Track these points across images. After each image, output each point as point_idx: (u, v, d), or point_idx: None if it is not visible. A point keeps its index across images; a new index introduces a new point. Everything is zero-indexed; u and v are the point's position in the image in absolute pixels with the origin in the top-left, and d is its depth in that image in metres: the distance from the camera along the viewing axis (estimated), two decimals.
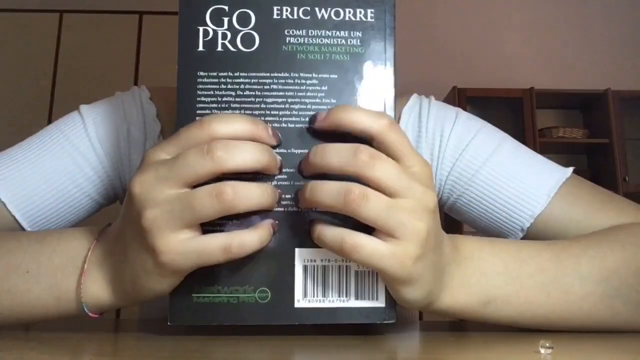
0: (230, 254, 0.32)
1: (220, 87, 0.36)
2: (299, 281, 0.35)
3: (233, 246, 0.32)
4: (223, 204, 0.31)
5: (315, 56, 0.36)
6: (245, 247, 0.32)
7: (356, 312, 0.35)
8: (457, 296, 0.38)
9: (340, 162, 0.32)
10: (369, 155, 0.32)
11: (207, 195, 0.31)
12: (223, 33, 0.36)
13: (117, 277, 0.36)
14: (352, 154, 0.32)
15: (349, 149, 0.32)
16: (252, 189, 0.32)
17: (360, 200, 0.31)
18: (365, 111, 0.33)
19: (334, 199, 0.32)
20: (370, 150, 0.32)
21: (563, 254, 0.41)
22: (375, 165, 0.32)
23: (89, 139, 0.52)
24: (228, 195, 0.31)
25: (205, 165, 0.31)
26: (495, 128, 0.55)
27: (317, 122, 0.35)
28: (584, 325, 0.41)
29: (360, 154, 0.32)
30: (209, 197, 0.31)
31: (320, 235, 0.33)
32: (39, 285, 0.37)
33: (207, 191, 0.31)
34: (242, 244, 0.32)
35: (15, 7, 2.84)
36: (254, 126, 0.33)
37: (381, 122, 0.33)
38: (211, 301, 0.35)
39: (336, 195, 0.31)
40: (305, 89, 0.36)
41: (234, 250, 0.32)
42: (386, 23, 0.37)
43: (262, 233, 0.33)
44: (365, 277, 0.35)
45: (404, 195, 0.32)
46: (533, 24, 3.04)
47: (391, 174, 0.32)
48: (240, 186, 0.31)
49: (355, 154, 0.32)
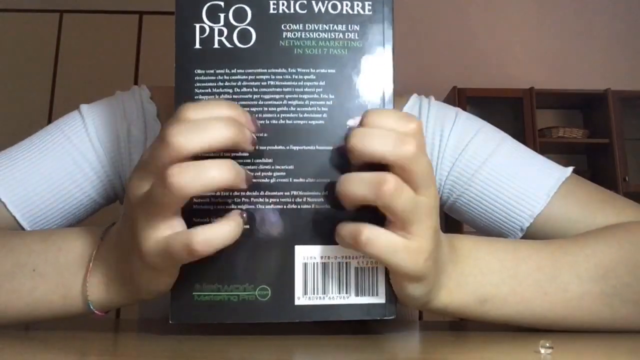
0: (195, 252, 0.30)
1: (217, 84, 0.35)
2: (299, 278, 0.35)
3: (194, 243, 0.30)
4: (171, 188, 0.29)
5: (312, 51, 0.36)
6: (211, 243, 0.30)
7: (356, 309, 0.35)
8: (454, 294, 0.38)
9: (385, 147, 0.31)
10: (416, 147, 0.31)
11: (158, 184, 0.30)
12: (219, 29, 0.36)
13: (119, 276, 0.37)
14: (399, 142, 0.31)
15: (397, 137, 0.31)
16: (203, 166, 0.29)
17: (394, 191, 0.30)
18: (396, 114, 0.32)
19: (368, 190, 0.31)
20: (416, 142, 0.31)
21: (559, 253, 0.41)
22: (420, 159, 0.31)
23: (89, 139, 0.52)
24: (173, 177, 0.29)
25: (164, 153, 0.30)
26: (495, 128, 0.55)
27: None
28: (582, 324, 0.41)
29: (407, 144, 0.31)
30: (159, 185, 0.29)
31: (339, 230, 0.33)
32: (45, 284, 0.38)
33: (159, 179, 0.29)
34: (206, 239, 0.30)
35: (15, 7, 2.83)
36: (231, 110, 0.32)
37: (411, 126, 0.32)
38: (212, 299, 0.35)
39: (369, 186, 0.31)
40: (302, 85, 0.35)
41: (197, 247, 0.30)
42: (384, 15, 0.36)
43: (230, 225, 0.31)
44: (365, 274, 0.35)
45: (424, 192, 0.32)
46: (533, 24, 3.04)
47: (428, 170, 0.32)
48: (186, 166, 0.29)
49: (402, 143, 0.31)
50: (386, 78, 0.36)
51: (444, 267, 0.37)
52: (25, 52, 2.79)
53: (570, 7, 3.05)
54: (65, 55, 2.80)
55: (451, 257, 0.38)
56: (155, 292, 0.35)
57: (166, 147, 0.29)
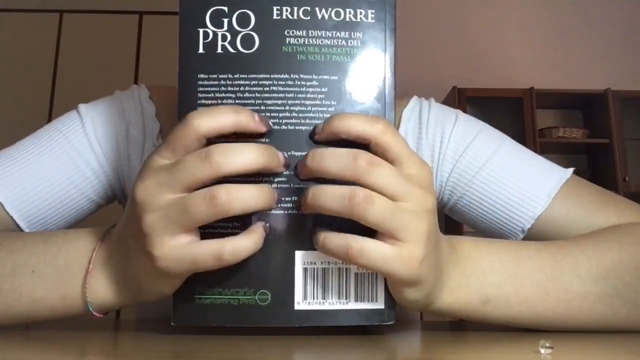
0: (223, 261, 0.32)
1: (220, 89, 0.35)
2: (299, 283, 0.35)
3: (225, 253, 0.32)
4: (216, 208, 0.31)
5: (315, 57, 0.36)
6: (239, 254, 0.32)
7: (356, 314, 0.35)
8: (456, 295, 0.38)
9: (339, 167, 0.32)
10: (367, 161, 0.31)
11: (201, 199, 0.31)
12: (223, 34, 0.36)
13: (120, 278, 0.37)
14: (351, 159, 0.31)
15: (348, 155, 0.32)
16: (247, 191, 0.31)
17: (365, 203, 0.31)
18: (360, 116, 0.33)
19: (339, 204, 0.31)
20: (368, 155, 0.32)
21: (560, 254, 0.41)
22: (374, 171, 0.31)
23: (88, 139, 0.52)
24: (221, 198, 0.31)
25: (204, 169, 0.31)
26: (495, 129, 0.55)
27: (316, 136, 0.35)
28: (583, 325, 0.41)
29: (359, 160, 0.31)
30: (203, 200, 0.31)
31: (325, 243, 0.33)
32: (45, 285, 0.38)
33: (201, 195, 0.31)
34: (235, 250, 0.32)
35: (15, 7, 2.83)
36: (237, 115, 0.33)
37: (377, 126, 0.33)
38: (213, 302, 0.35)
39: (340, 200, 0.31)
40: (305, 91, 0.35)
41: (226, 257, 0.32)
42: (387, 24, 0.36)
43: (255, 238, 0.33)
44: (365, 279, 0.35)
45: (404, 198, 0.32)
46: (533, 24, 3.04)
47: (390, 178, 0.32)
48: (233, 189, 0.31)
49: (354, 160, 0.31)
50: (388, 85, 0.36)
51: (444, 268, 0.37)
52: (25, 52, 2.79)
53: (570, 7, 3.05)
54: (65, 55, 2.80)
55: (452, 258, 0.38)
56: (159, 294, 0.35)
57: (209, 164, 0.31)
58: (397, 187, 0.32)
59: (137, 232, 0.33)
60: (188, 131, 0.32)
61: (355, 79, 0.36)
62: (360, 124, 0.33)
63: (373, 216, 0.31)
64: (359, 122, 0.33)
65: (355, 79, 0.36)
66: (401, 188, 0.32)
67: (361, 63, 0.36)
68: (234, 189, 0.31)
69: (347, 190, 0.31)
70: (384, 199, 0.32)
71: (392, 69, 0.36)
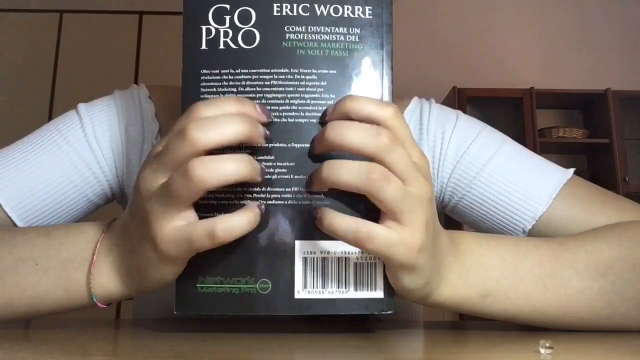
0: (216, 238, 0.32)
1: (222, 84, 0.36)
2: (299, 273, 0.36)
3: (217, 230, 0.32)
4: (193, 180, 0.31)
5: (314, 52, 0.37)
6: (231, 231, 0.32)
7: (355, 303, 0.36)
8: (456, 288, 0.38)
9: (361, 140, 0.32)
10: (389, 139, 0.32)
11: (179, 176, 0.31)
12: (225, 31, 0.37)
13: (124, 267, 0.37)
14: (374, 133, 0.32)
15: (371, 129, 0.32)
16: (223, 162, 0.31)
17: (382, 181, 0.31)
18: (371, 100, 0.34)
19: (357, 178, 0.31)
20: (390, 133, 0.32)
21: (559, 249, 0.41)
22: (395, 150, 0.32)
23: (87, 139, 0.52)
24: (194, 170, 0.31)
25: (182, 147, 0.31)
26: (495, 130, 0.55)
27: (327, 117, 0.35)
28: (583, 321, 0.41)
29: (381, 136, 0.32)
30: (179, 177, 0.31)
31: (332, 224, 0.33)
32: (48, 277, 0.38)
33: (179, 172, 0.31)
34: (227, 228, 0.32)
35: (15, 7, 2.83)
36: (241, 106, 0.33)
37: (388, 110, 0.33)
38: (215, 291, 0.36)
39: (358, 174, 0.31)
40: (304, 85, 0.36)
41: (219, 234, 0.32)
42: (383, 20, 0.37)
43: (249, 215, 0.33)
44: (364, 269, 0.36)
45: (411, 183, 0.33)
46: (533, 24, 3.04)
47: (405, 160, 0.32)
48: (207, 160, 0.31)
49: (377, 134, 0.32)
50: (385, 79, 0.37)
51: (444, 260, 0.37)
52: (25, 52, 2.79)
53: (570, 7, 3.05)
54: (65, 55, 2.80)
55: (452, 251, 0.38)
56: (162, 281, 0.36)
57: (184, 141, 0.31)
58: (408, 171, 0.33)
59: (140, 220, 0.34)
60: (191, 118, 0.32)
61: (353, 73, 0.37)
62: (371, 105, 0.33)
63: (387, 194, 0.31)
64: (370, 103, 0.33)
65: (353, 73, 0.37)
66: (411, 172, 0.33)
67: (359, 57, 0.37)
68: (208, 160, 0.31)
69: (365, 165, 0.31)
70: (398, 180, 0.32)
71: (389, 64, 0.37)
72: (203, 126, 0.31)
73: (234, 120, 0.32)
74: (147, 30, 2.86)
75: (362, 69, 0.37)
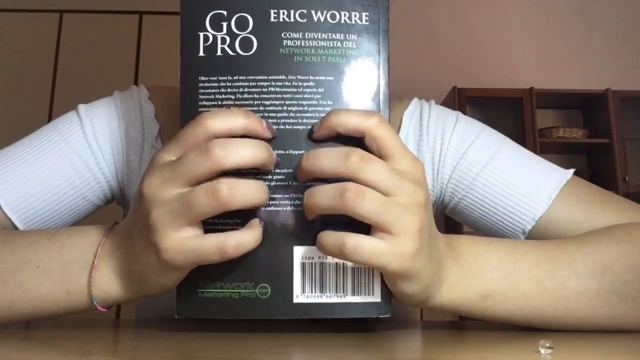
0: (226, 254, 0.33)
1: (220, 90, 0.36)
2: (297, 278, 0.36)
3: (228, 246, 0.33)
4: (219, 201, 0.32)
5: (311, 59, 0.37)
6: (241, 247, 0.33)
7: (353, 307, 0.36)
8: (456, 290, 0.38)
9: (333, 166, 0.33)
10: (359, 157, 0.32)
11: (203, 193, 0.32)
12: (222, 38, 0.37)
13: (125, 271, 0.37)
14: (343, 157, 0.32)
15: (340, 153, 0.33)
16: (247, 186, 0.33)
17: (356, 197, 0.32)
18: (355, 112, 0.35)
19: (331, 200, 0.32)
20: (360, 152, 0.33)
21: (557, 250, 0.42)
22: (366, 167, 0.32)
23: (87, 140, 0.51)
24: (223, 192, 0.32)
25: (205, 163, 0.32)
26: (495, 131, 0.55)
27: (315, 135, 0.35)
28: (581, 321, 0.41)
29: (351, 157, 0.32)
30: (205, 194, 0.32)
31: (320, 241, 0.34)
32: (50, 279, 0.38)
33: (204, 189, 0.32)
34: (237, 244, 0.33)
35: (15, 7, 2.83)
36: (247, 120, 0.34)
37: (372, 120, 0.34)
38: (215, 296, 0.36)
39: (333, 196, 0.32)
40: (302, 91, 0.36)
41: (229, 251, 0.33)
42: (380, 26, 0.37)
43: (255, 233, 0.34)
44: (362, 274, 0.36)
45: (396, 192, 0.33)
46: (533, 24, 3.04)
47: (382, 173, 0.33)
48: (235, 183, 0.32)
49: (346, 157, 0.32)
50: (382, 85, 0.37)
51: (442, 263, 0.37)
52: (25, 52, 2.79)
53: (570, 7, 3.05)
54: (65, 55, 2.80)
55: (450, 254, 0.38)
56: (163, 287, 0.36)
57: (209, 159, 0.32)
58: (389, 182, 0.33)
59: (144, 226, 0.34)
60: (199, 130, 0.33)
61: (350, 80, 0.37)
62: (355, 117, 0.34)
63: (364, 210, 0.32)
64: (354, 115, 0.34)
65: (350, 79, 0.37)
66: (393, 182, 0.33)
67: (356, 64, 0.37)
68: (235, 183, 0.32)
69: (338, 186, 0.32)
70: (375, 193, 0.32)
71: (385, 69, 0.37)
72: (228, 147, 0.32)
73: (255, 145, 0.33)
74: (147, 30, 2.86)
75: (359, 75, 0.37)
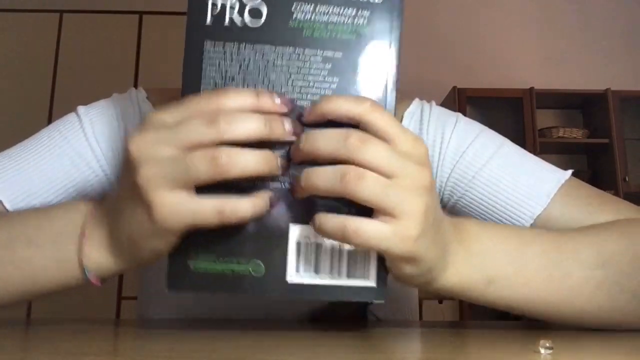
0: (224, 216, 0.32)
1: (225, 59, 0.35)
2: (292, 257, 0.35)
3: (226, 209, 0.32)
4: (216, 168, 0.31)
5: (321, 33, 0.36)
6: (237, 213, 0.32)
7: (347, 290, 0.35)
8: (461, 273, 0.38)
9: (331, 147, 0.32)
10: (358, 139, 0.32)
11: (202, 158, 0.31)
12: (231, 6, 0.36)
13: (115, 237, 0.37)
14: (342, 138, 0.32)
15: (339, 134, 0.32)
16: (246, 156, 0.32)
17: (356, 180, 0.31)
18: (347, 97, 0.34)
19: (331, 182, 0.31)
20: (359, 133, 0.32)
21: (562, 240, 0.42)
22: (366, 148, 0.32)
23: (87, 140, 0.52)
24: (222, 159, 0.31)
25: (210, 133, 0.31)
26: (494, 132, 0.56)
27: (303, 118, 0.35)
28: (582, 312, 0.41)
29: (350, 138, 0.32)
30: (204, 159, 0.31)
31: (321, 225, 0.33)
32: (41, 252, 0.38)
33: (203, 154, 0.31)
34: (234, 209, 0.32)
35: (15, 7, 2.83)
36: (257, 100, 0.33)
37: (363, 105, 0.33)
38: (207, 271, 0.35)
39: (333, 179, 0.31)
40: (309, 66, 0.36)
41: (227, 214, 0.32)
42: (394, 4, 0.36)
43: (256, 202, 0.33)
44: (358, 257, 0.36)
45: (398, 174, 0.32)
46: (533, 24, 3.04)
47: (383, 155, 0.32)
48: (234, 152, 0.31)
49: (345, 138, 0.32)
50: (391, 66, 0.36)
51: (448, 246, 0.37)
52: (25, 52, 2.79)
53: (570, 7, 3.05)
54: (65, 55, 2.80)
55: (456, 237, 0.38)
56: (155, 252, 0.35)
57: (213, 128, 0.31)
58: (390, 164, 0.32)
59: (133, 186, 0.33)
60: (209, 104, 0.32)
61: (359, 58, 0.36)
62: (347, 104, 0.33)
63: (365, 193, 0.31)
64: (345, 101, 0.33)
65: (359, 57, 0.36)
66: (395, 164, 0.32)
67: (366, 42, 0.36)
68: (234, 152, 0.31)
69: (338, 168, 0.31)
70: (376, 176, 0.32)
71: (396, 50, 0.36)
72: (233, 121, 0.32)
73: (259, 119, 0.32)
74: (147, 30, 2.86)
75: (368, 54, 0.36)
